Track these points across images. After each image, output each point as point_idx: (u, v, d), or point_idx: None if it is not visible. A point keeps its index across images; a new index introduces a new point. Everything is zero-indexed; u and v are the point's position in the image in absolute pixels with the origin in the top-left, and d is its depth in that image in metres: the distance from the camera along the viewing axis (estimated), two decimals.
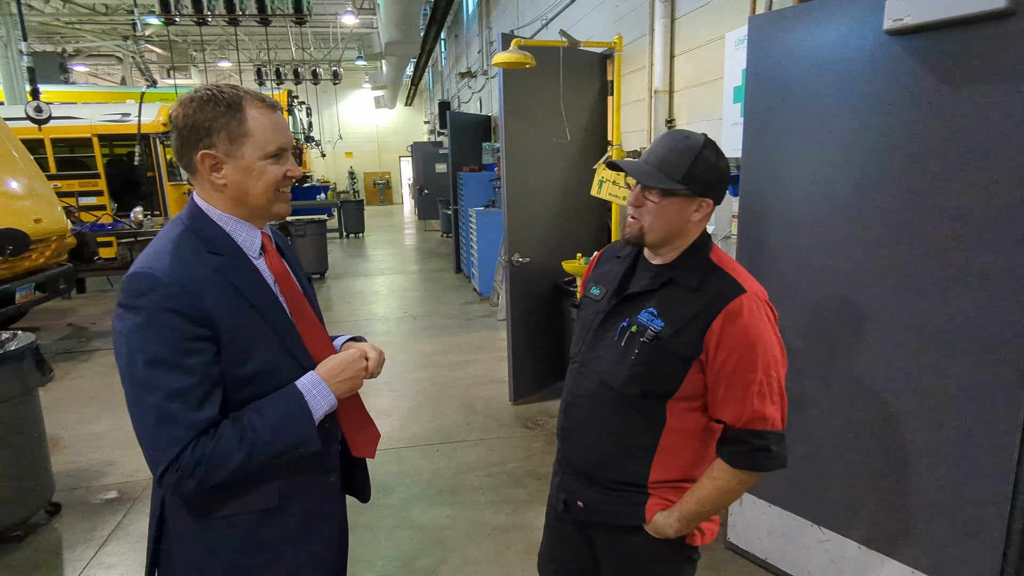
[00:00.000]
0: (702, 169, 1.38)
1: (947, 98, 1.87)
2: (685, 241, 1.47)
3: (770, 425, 1.38)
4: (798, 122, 2.30)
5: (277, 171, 1.28)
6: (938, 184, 1.92)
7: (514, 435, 4.21)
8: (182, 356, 1.14)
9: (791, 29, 2.28)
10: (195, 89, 1.24)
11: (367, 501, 1.62)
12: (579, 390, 1.56)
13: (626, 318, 1.48)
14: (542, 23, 7.08)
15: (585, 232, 4.89)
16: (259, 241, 1.33)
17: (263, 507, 1.30)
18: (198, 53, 18.19)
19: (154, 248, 1.23)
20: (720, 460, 1.43)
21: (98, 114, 9.98)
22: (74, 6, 14.09)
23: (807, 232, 2.32)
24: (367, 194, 27.00)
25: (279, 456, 1.20)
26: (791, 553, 2.56)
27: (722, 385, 1.39)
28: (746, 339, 1.35)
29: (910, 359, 2.07)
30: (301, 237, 9.83)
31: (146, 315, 1.13)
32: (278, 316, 1.29)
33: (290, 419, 1.20)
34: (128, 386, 1.15)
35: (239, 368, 1.22)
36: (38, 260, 6.11)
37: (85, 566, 2.92)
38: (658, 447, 1.47)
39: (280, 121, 1.29)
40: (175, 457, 1.12)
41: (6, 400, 2.93)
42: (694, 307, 1.39)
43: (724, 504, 1.44)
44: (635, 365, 1.43)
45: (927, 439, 2.06)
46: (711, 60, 3.51)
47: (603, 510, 1.54)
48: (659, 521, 1.46)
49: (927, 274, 1.99)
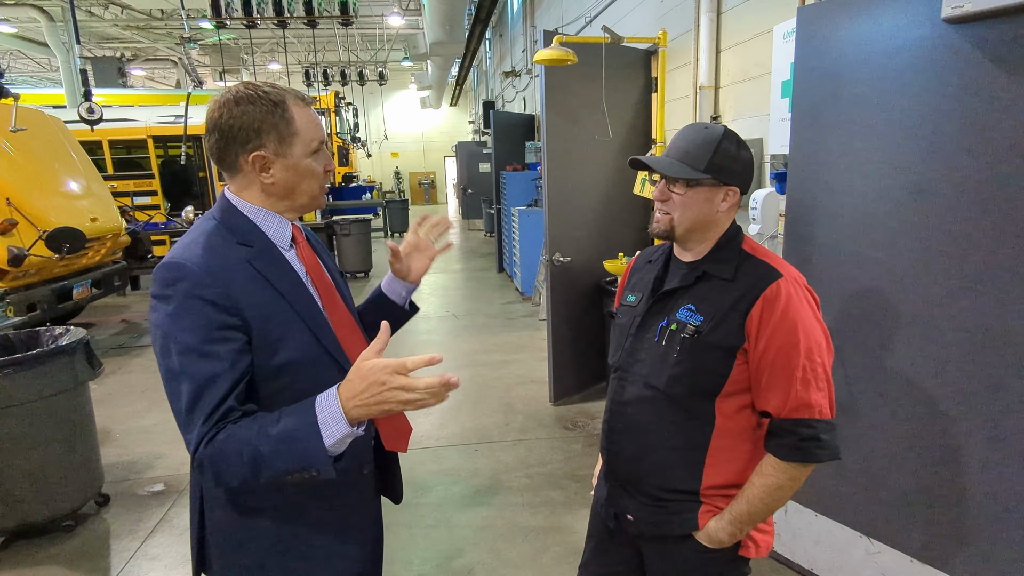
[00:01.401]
0: (724, 158, 1.36)
1: (1011, 90, 1.76)
2: (715, 233, 1.43)
3: (817, 413, 1.31)
4: (849, 116, 2.20)
5: (319, 167, 1.29)
6: (1002, 180, 1.81)
7: (554, 436, 4.16)
8: (211, 344, 1.13)
9: (842, 19, 2.18)
10: (232, 88, 1.23)
11: (399, 502, 1.60)
12: (623, 397, 1.52)
13: (664, 317, 1.44)
14: (586, 20, 7.02)
15: (627, 231, 4.81)
16: (289, 233, 1.32)
17: (294, 500, 1.29)
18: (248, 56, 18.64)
19: (185, 240, 1.24)
20: (769, 455, 1.36)
21: (152, 116, 10.33)
22: (132, 12, 14.59)
23: (858, 230, 2.22)
24: (412, 194, 27.29)
25: (288, 474, 1.09)
26: (839, 565, 2.45)
27: (765, 372, 1.33)
28: (786, 323, 1.30)
29: (965, 363, 1.96)
30: (346, 236, 9.97)
31: (176, 304, 1.14)
32: (309, 307, 1.28)
33: (297, 436, 1.08)
34: (164, 374, 1.16)
35: (270, 359, 1.21)
36: (94, 258, 6.35)
37: (131, 556, 2.99)
38: (709, 449, 1.42)
39: (316, 116, 1.29)
40: (196, 448, 1.12)
41: (58, 393, 3.03)
42: (731, 297, 1.36)
43: (776, 503, 1.37)
44: (678, 363, 1.39)
45: (983, 447, 1.94)
46: (758, 54, 3.41)
47: (653, 521, 1.49)
48: (711, 527, 1.41)
49: (985, 274, 1.87)
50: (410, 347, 6.29)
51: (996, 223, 1.84)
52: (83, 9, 13.62)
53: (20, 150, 5.65)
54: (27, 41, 14.69)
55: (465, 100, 26.31)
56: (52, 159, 6.13)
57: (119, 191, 9.39)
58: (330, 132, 13.31)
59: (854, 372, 2.27)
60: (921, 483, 2.14)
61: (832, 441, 1.33)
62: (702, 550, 1.44)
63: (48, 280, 5.70)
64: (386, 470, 1.54)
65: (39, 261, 5.35)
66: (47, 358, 2.97)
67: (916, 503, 2.17)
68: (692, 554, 1.45)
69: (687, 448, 1.43)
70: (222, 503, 1.29)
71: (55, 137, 6.38)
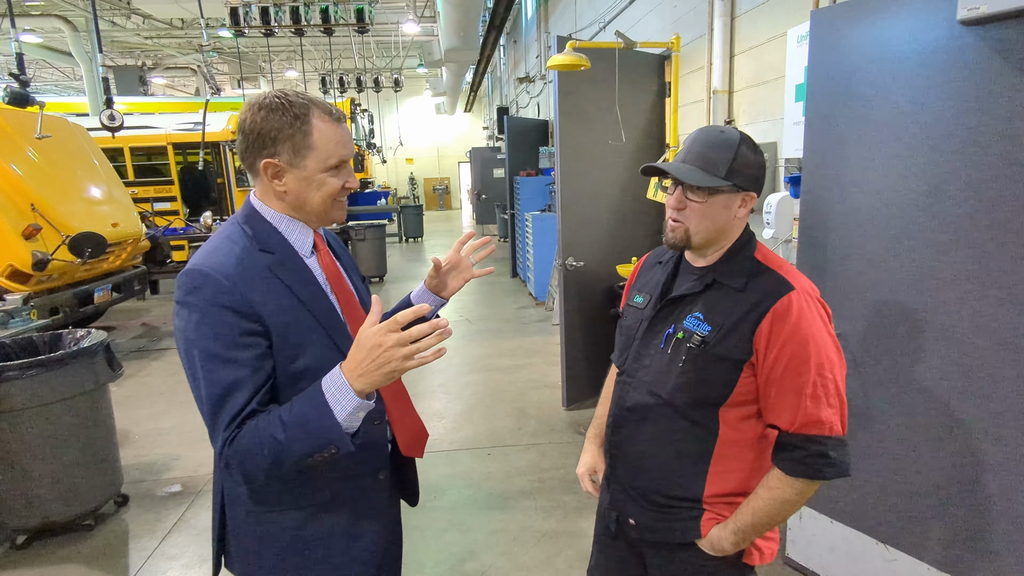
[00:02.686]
0: (743, 163, 1.33)
1: None
2: (729, 239, 1.41)
3: (827, 430, 1.28)
4: (864, 119, 2.19)
5: (336, 183, 1.29)
6: (1021, 182, 1.79)
7: (566, 441, 4.16)
8: (234, 350, 1.15)
9: (855, 22, 2.18)
10: (265, 95, 1.25)
11: (415, 505, 1.62)
12: (627, 402, 1.50)
13: (671, 324, 1.42)
14: (599, 26, 7.03)
15: (640, 236, 4.80)
16: (311, 241, 1.34)
17: (312, 503, 1.32)
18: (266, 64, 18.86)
19: (208, 246, 1.26)
20: (775, 469, 1.34)
21: (172, 123, 10.48)
22: (153, 21, 14.83)
23: (873, 235, 2.21)
24: (427, 199, 27.42)
25: (310, 456, 1.13)
26: (854, 572, 2.43)
27: (773, 387, 1.31)
28: (797, 338, 1.27)
29: (983, 368, 1.94)
30: (361, 241, 10.04)
31: (199, 312, 1.16)
32: (329, 315, 1.30)
33: (309, 417, 1.12)
34: (190, 379, 1.19)
35: (290, 364, 1.23)
36: (115, 262, 6.45)
37: (149, 556, 3.03)
38: (712, 458, 1.40)
39: (344, 134, 1.30)
40: (221, 449, 1.14)
41: (79, 394, 3.08)
42: (741, 308, 1.33)
43: (781, 516, 1.35)
44: (683, 373, 1.37)
45: (1003, 454, 1.92)
46: (772, 58, 3.40)
47: (655, 527, 1.48)
48: (714, 535, 1.40)
49: (1003, 278, 1.86)
50: None
51: (1015, 226, 1.82)
52: (106, 19, 13.87)
53: (45, 157, 5.77)
54: (52, 51, 14.97)
55: (479, 106, 26.38)
56: (75, 166, 6.24)
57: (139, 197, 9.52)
58: None
59: (870, 378, 2.25)
60: (939, 490, 2.11)
61: (841, 458, 1.29)
62: (705, 556, 1.42)
63: (70, 284, 5.80)
64: (403, 475, 1.56)
65: (62, 265, 5.44)
66: (69, 360, 3.03)
67: (934, 511, 2.14)
68: (695, 560, 1.44)
69: (690, 456, 1.42)
70: (243, 502, 1.32)
71: (78, 144, 6.50)
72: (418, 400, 4.99)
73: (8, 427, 2.93)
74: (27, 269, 5.15)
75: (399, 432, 1.45)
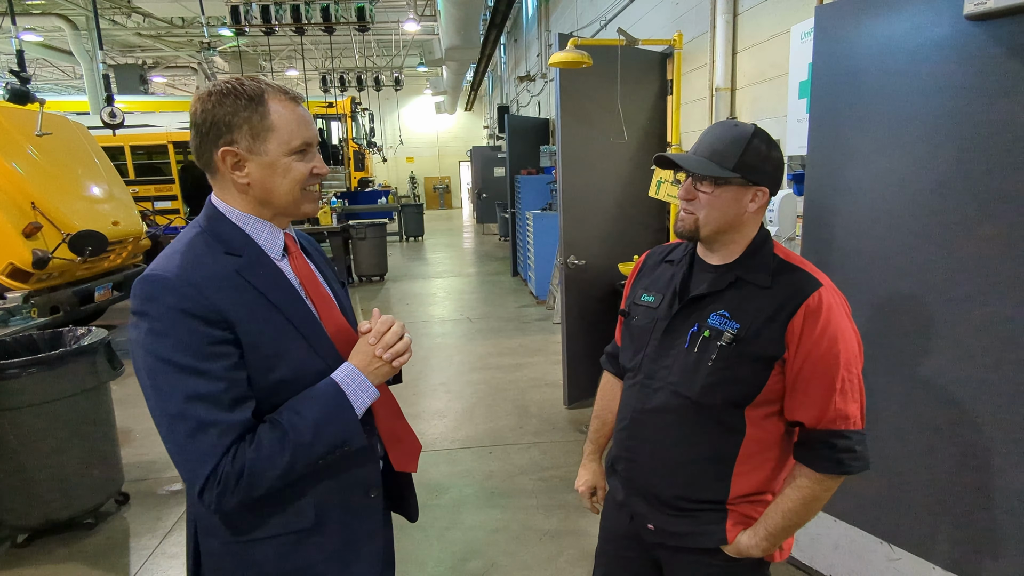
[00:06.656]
0: (754, 156, 1.31)
1: None
2: (743, 235, 1.38)
3: (852, 424, 1.29)
4: (868, 116, 2.18)
5: (303, 168, 1.19)
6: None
7: (568, 439, 4.15)
8: (204, 361, 1.06)
9: (860, 18, 2.17)
10: (215, 82, 1.16)
11: (415, 520, 1.52)
12: (647, 405, 1.45)
13: (695, 323, 1.38)
14: (601, 24, 7.02)
15: (642, 234, 4.79)
16: (282, 242, 1.24)
17: (298, 528, 1.21)
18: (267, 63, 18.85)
19: (167, 251, 1.15)
20: (802, 467, 1.33)
21: (173, 122, 10.48)
22: (153, 20, 14.82)
23: (878, 232, 2.20)
24: (427, 198, 27.40)
25: (324, 457, 1.12)
26: (858, 571, 2.42)
27: (802, 384, 1.30)
28: (828, 335, 1.27)
29: (989, 365, 1.92)
30: (361, 240, 10.03)
31: (160, 321, 1.06)
32: (306, 320, 1.20)
33: (331, 416, 1.11)
34: (152, 397, 1.07)
35: (267, 375, 1.14)
36: (115, 261, 6.44)
37: (150, 554, 3.03)
38: (738, 459, 1.38)
39: (304, 115, 1.19)
40: (213, 468, 1.05)
41: (80, 392, 3.07)
42: (770, 305, 1.31)
43: (811, 514, 1.34)
44: (713, 372, 1.34)
45: (1010, 453, 1.91)
46: (775, 55, 3.39)
47: (677, 532, 1.44)
48: (744, 542, 1.37)
49: (1012, 276, 1.84)
50: (425, 350, 6.31)
51: (1021, 223, 1.81)
52: (106, 17, 13.87)
53: (45, 155, 5.75)
54: (52, 50, 14.95)
55: (480, 105, 26.38)
56: (76, 164, 6.23)
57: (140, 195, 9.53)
58: (346, 137, 13.43)
59: (876, 376, 2.24)
60: (945, 489, 2.10)
61: (865, 452, 1.30)
62: (727, 559, 1.41)
63: (71, 282, 5.79)
64: (397, 491, 1.46)
65: (62, 264, 5.43)
66: (70, 358, 3.02)
67: (939, 509, 2.13)
68: (717, 563, 1.42)
69: (716, 458, 1.39)
70: (218, 532, 1.20)
71: (79, 142, 6.49)
72: (419, 399, 5.00)
73: (9, 425, 2.92)
74: (27, 267, 5.14)
75: (390, 446, 1.36)
